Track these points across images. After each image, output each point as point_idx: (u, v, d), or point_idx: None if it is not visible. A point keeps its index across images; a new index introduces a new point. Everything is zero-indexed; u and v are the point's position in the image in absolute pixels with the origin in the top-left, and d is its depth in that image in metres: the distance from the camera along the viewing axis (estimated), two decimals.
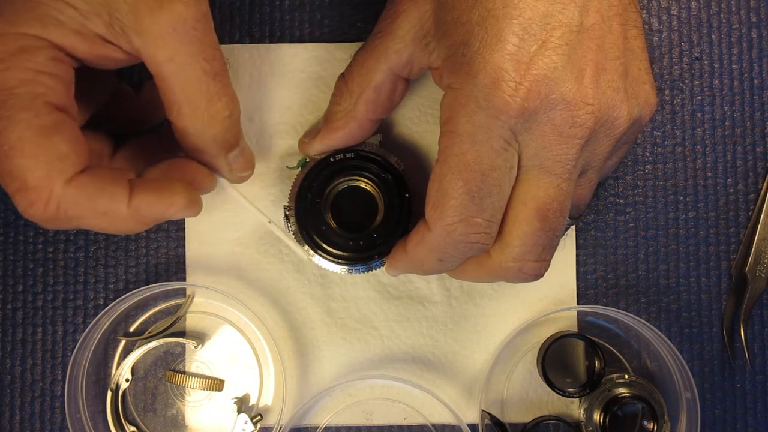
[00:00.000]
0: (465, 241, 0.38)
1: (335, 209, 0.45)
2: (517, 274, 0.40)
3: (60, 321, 0.48)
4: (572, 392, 0.46)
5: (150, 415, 0.48)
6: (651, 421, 0.45)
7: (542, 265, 0.39)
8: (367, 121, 0.43)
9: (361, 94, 0.42)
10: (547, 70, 0.34)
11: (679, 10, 0.49)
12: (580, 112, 0.35)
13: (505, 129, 0.35)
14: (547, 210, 0.37)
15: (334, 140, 0.43)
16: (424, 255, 0.40)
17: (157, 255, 0.49)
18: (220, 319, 0.49)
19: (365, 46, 0.42)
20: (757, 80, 0.49)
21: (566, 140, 0.36)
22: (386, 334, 0.48)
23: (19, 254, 0.48)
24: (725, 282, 0.49)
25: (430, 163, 0.48)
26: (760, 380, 0.49)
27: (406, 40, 0.40)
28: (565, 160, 0.36)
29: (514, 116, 0.35)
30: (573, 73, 0.35)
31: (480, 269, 0.41)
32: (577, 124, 0.35)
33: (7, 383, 0.48)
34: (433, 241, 0.39)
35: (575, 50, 0.35)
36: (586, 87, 0.35)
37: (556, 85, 0.35)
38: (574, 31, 0.35)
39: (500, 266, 0.39)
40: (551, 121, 0.35)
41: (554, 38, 0.34)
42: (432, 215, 0.38)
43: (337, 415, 0.48)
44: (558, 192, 0.37)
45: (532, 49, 0.34)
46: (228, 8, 0.49)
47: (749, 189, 0.49)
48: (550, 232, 0.38)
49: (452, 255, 0.39)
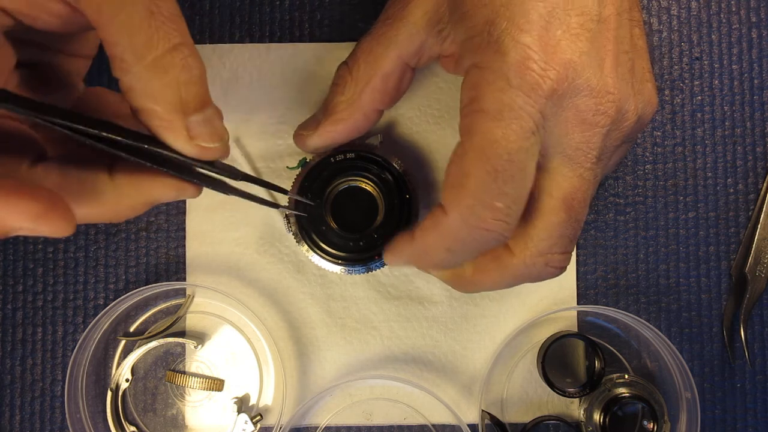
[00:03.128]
0: (482, 227, 0.35)
1: (335, 210, 0.44)
2: (543, 269, 0.38)
3: (60, 321, 0.48)
4: (572, 392, 0.46)
5: (150, 415, 0.48)
6: (651, 421, 0.45)
7: (567, 257, 0.38)
8: (372, 111, 0.41)
9: (367, 83, 0.40)
10: (573, 55, 0.34)
11: (679, 10, 0.49)
12: (603, 100, 0.35)
13: (536, 110, 0.34)
14: (572, 200, 0.36)
15: (336, 132, 0.42)
16: (434, 243, 0.37)
17: (157, 255, 0.49)
18: (220, 319, 0.49)
19: (372, 33, 0.40)
20: (757, 80, 0.49)
21: (589, 128, 0.35)
22: (386, 334, 0.48)
23: (19, 254, 0.48)
24: (725, 282, 0.49)
25: (431, 163, 0.48)
26: (760, 380, 0.49)
27: (419, 26, 0.38)
28: (588, 149, 0.36)
29: (545, 96, 0.34)
30: (596, 60, 0.35)
31: (502, 270, 0.38)
32: (600, 111, 0.35)
33: (7, 383, 0.48)
34: (447, 225, 0.36)
35: (597, 39, 0.35)
36: (606, 76, 0.35)
37: (582, 71, 0.34)
38: (594, 20, 0.35)
39: (525, 263, 0.38)
40: (576, 107, 0.35)
41: (577, 25, 0.34)
42: (449, 196, 0.35)
43: (337, 415, 0.48)
44: (582, 182, 0.36)
45: (557, 33, 0.34)
46: (228, 8, 0.49)
47: (749, 189, 0.49)
48: (576, 223, 0.37)
49: (464, 245, 0.36)
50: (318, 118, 0.42)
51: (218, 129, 0.33)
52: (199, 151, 0.32)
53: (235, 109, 0.48)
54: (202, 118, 0.32)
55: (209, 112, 0.32)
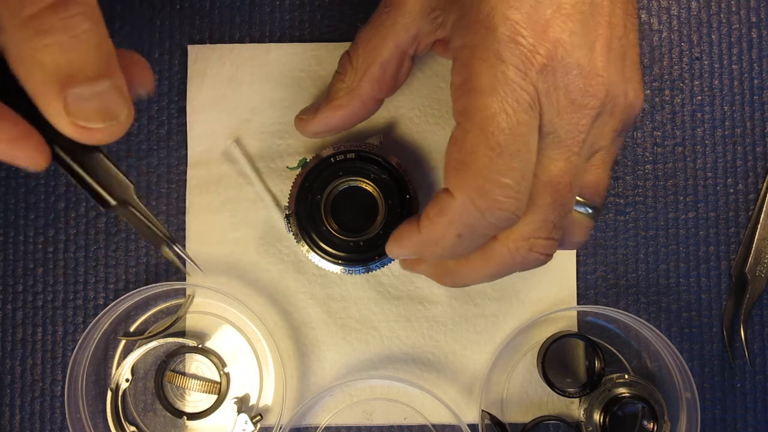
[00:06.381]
0: (494, 207, 0.34)
1: (335, 210, 0.44)
2: (528, 255, 0.37)
3: (60, 321, 0.48)
4: (572, 392, 0.46)
5: (150, 415, 0.48)
6: (651, 421, 0.45)
7: (552, 243, 0.37)
8: (370, 100, 0.42)
9: (366, 71, 0.40)
10: (563, 34, 0.34)
11: (679, 10, 0.49)
12: (593, 81, 0.35)
13: (529, 84, 0.34)
14: (558, 183, 0.36)
15: (335, 119, 0.42)
16: (443, 230, 0.36)
17: (157, 255, 0.49)
18: (220, 319, 0.49)
19: (371, 22, 0.41)
20: (757, 80, 0.49)
21: (579, 109, 0.35)
22: (386, 334, 0.48)
23: (19, 254, 0.48)
24: (725, 282, 0.49)
25: (431, 163, 0.48)
26: (760, 380, 0.49)
27: (414, 14, 0.39)
28: (576, 131, 0.35)
29: (537, 71, 0.34)
30: (586, 42, 0.35)
31: (487, 258, 0.38)
32: (589, 93, 0.35)
33: (7, 383, 0.48)
34: (456, 209, 0.35)
35: (588, 21, 0.35)
36: (596, 58, 0.35)
37: (573, 50, 0.34)
38: (587, 3, 0.35)
39: (508, 248, 0.37)
40: (566, 86, 0.35)
41: (569, 5, 0.34)
42: (455, 180, 0.34)
43: (337, 415, 0.48)
44: (568, 165, 0.36)
45: (547, 12, 0.34)
46: (228, 8, 0.49)
47: (749, 189, 0.49)
48: (560, 207, 0.37)
49: (475, 228, 0.35)
50: (318, 104, 0.43)
51: (111, 107, 0.27)
52: (76, 131, 0.27)
53: (235, 109, 0.48)
54: (90, 92, 0.26)
55: (102, 86, 0.27)
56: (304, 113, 0.44)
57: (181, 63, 0.48)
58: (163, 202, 0.48)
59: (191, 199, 0.48)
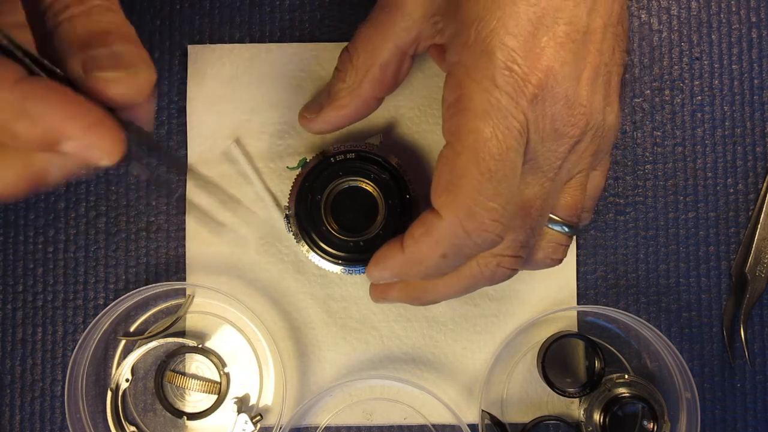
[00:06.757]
0: (480, 229, 0.35)
1: (335, 210, 0.44)
2: (496, 270, 0.38)
3: (60, 321, 0.48)
4: (572, 392, 0.46)
5: (150, 415, 0.48)
6: (651, 421, 0.45)
7: (518, 260, 0.39)
8: (372, 99, 0.42)
9: (366, 72, 0.41)
10: (555, 63, 0.34)
11: (679, 10, 0.49)
12: (575, 111, 0.36)
13: (520, 113, 0.34)
14: (530, 207, 0.37)
15: (338, 118, 0.43)
16: (428, 250, 0.36)
17: (157, 255, 0.49)
18: (220, 319, 0.49)
19: (371, 20, 0.40)
20: (757, 80, 0.49)
21: (559, 138, 0.36)
22: (386, 334, 0.48)
23: (19, 254, 0.48)
24: (725, 282, 0.49)
25: (431, 163, 0.48)
26: (760, 380, 0.49)
27: (415, 17, 0.39)
28: (554, 159, 0.36)
29: (528, 100, 0.34)
30: (575, 72, 0.35)
31: (457, 275, 0.39)
32: (571, 123, 0.36)
33: (7, 383, 0.48)
34: (443, 230, 0.35)
35: (579, 50, 0.35)
36: (582, 88, 0.36)
37: (563, 80, 0.35)
38: (581, 31, 0.35)
39: (478, 263, 0.38)
40: (552, 116, 0.35)
41: (563, 34, 0.35)
42: (443, 200, 0.35)
43: (337, 415, 0.48)
44: (542, 190, 0.37)
45: (543, 39, 0.34)
46: (228, 8, 0.49)
47: (749, 189, 0.49)
48: (530, 230, 0.38)
49: (460, 249, 0.36)
50: (321, 104, 0.43)
51: (128, 58, 0.28)
52: (100, 84, 0.28)
53: (235, 109, 0.48)
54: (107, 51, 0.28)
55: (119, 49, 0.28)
56: (308, 111, 0.44)
57: (181, 63, 0.48)
58: (163, 202, 0.48)
59: (191, 199, 0.48)
